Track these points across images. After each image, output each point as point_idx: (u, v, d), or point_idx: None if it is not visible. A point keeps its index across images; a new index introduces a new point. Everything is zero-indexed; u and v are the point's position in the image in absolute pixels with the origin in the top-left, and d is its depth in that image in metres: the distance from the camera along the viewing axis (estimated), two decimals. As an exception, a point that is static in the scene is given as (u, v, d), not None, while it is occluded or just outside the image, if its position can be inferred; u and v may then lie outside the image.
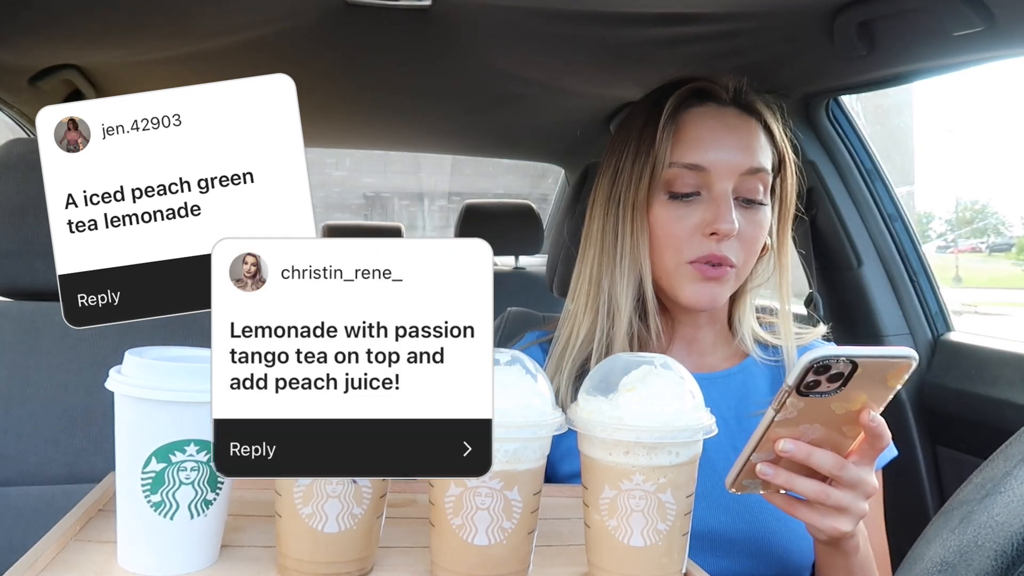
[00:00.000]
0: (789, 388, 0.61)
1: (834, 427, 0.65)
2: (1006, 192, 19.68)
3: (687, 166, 0.89)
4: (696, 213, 0.89)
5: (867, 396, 0.64)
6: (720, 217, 0.87)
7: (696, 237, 0.88)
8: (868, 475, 0.68)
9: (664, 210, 0.90)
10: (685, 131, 0.91)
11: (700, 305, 0.90)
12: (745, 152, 0.89)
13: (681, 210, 0.89)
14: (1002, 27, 0.98)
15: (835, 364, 0.60)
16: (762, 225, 0.91)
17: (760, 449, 0.66)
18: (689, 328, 0.96)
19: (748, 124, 0.92)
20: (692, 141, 0.90)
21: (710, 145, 0.89)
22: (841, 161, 1.52)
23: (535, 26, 1.23)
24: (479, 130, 2.22)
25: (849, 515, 0.68)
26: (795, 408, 0.63)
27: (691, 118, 0.91)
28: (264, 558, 0.63)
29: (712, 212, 0.88)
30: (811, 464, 0.66)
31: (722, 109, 0.93)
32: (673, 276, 0.90)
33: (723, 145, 0.89)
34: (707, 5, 1.12)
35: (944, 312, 1.56)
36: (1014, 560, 0.33)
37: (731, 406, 0.92)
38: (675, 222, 0.89)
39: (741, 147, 0.90)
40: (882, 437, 0.66)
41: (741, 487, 0.69)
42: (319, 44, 1.38)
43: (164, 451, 0.58)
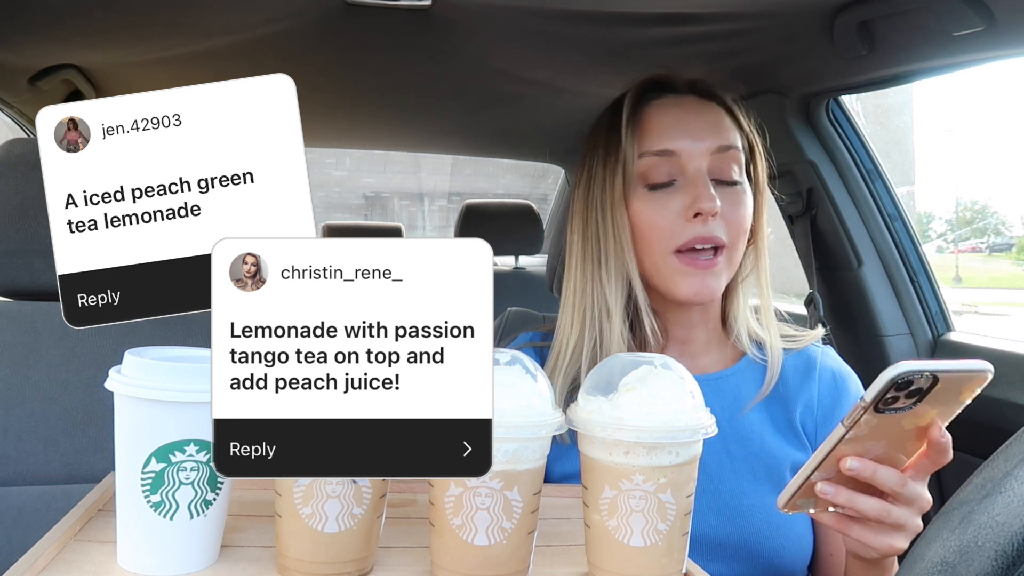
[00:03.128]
0: (866, 405, 0.58)
1: (898, 443, 0.63)
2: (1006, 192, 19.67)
3: (657, 153, 0.89)
4: (676, 199, 0.88)
5: (937, 411, 0.61)
6: (699, 196, 0.86)
7: (680, 223, 0.87)
8: (924, 490, 0.66)
9: (643, 203, 0.89)
10: (649, 122, 0.91)
11: (698, 298, 0.89)
12: (712, 131, 0.90)
13: (660, 199, 0.89)
14: (1002, 27, 0.98)
15: (917, 379, 0.57)
16: (744, 203, 0.90)
17: (822, 468, 0.63)
18: (682, 329, 0.95)
19: (709, 107, 0.93)
20: (657, 129, 0.90)
21: (676, 130, 0.90)
22: (841, 161, 1.52)
23: (535, 26, 1.23)
24: (479, 130, 2.23)
25: (905, 532, 0.66)
26: (868, 425, 0.60)
27: (653, 109, 0.92)
28: (264, 558, 0.63)
29: (691, 194, 0.87)
30: (875, 482, 0.63)
31: (681, 98, 0.94)
32: (663, 271, 0.89)
33: (688, 127, 0.90)
34: (707, 5, 1.12)
35: (944, 312, 1.56)
36: (1014, 560, 0.33)
37: (724, 408, 0.91)
38: (656, 212, 0.89)
39: (707, 127, 0.90)
40: (946, 453, 0.64)
41: (794, 507, 0.65)
42: (319, 44, 1.38)
43: (164, 451, 0.58)
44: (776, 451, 0.90)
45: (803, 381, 0.94)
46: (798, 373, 0.95)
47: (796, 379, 0.94)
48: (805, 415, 0.93)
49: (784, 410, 0.93)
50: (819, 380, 0.94)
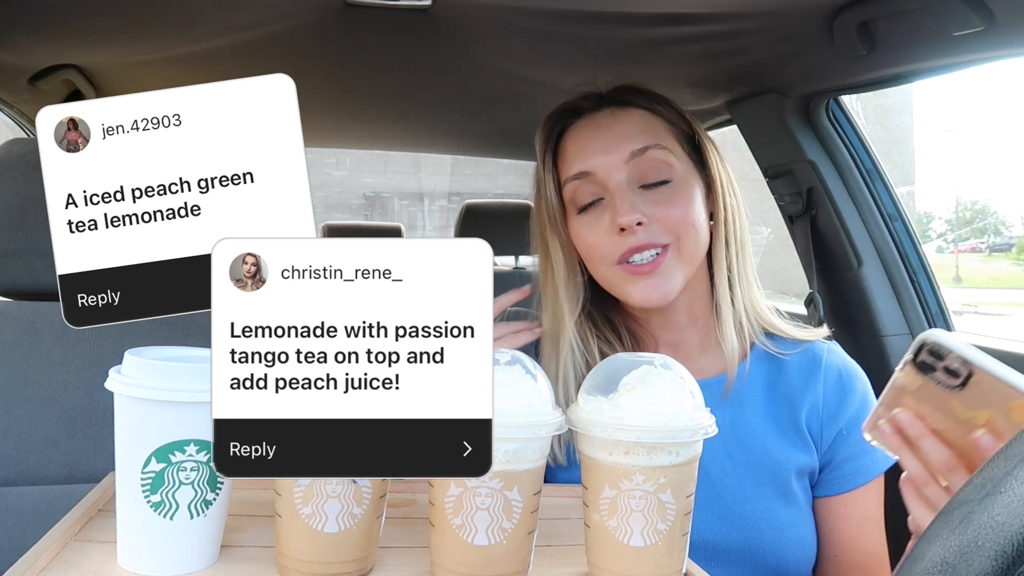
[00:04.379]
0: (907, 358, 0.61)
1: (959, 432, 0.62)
2: (1006, 192, 19.67)
3: (575, 177, 0.92)
4: (603, 216, 0.90)
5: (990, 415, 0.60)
6: (617, 211, 0.88)
7: (611, 239, 0.89)
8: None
9: (578, 226, 0.93)
10: (564, 149, 0.95)
11: (652, 302, 0.88)
12: (623, 140, 0.91)
13: (591, 219, 0.91)
14: (1002, 27, 0.98)
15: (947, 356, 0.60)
16: (678, 200, 0.90)
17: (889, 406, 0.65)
18: (670, 333, 0.95)
19: (622, 114, 0.94)
20: (572, 154, 0.93)
21: (587, 150, 0.92)
22: (841, 161, 1.52)
23: (535, 26, 1.23)
24: (479, 130, 2.22)
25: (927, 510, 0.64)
26: (913, 382, 0.62)
27: (568, 136, 0.96)
28: (264, 558, 0.63)
29: (612, 210, 0.89)
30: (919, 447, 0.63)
31: (593, 116, 0.95)
32: (615, 283, 0.91)
33: (598, 144, 0.92)
34: (707, 5, 1.12)
35: (944, 312, 1.56)
36: (1014, 560, 0.33)
37: (724, 412, 0.90)
38: (589, 233, 0.91)
39: (617, 138, 0.91)
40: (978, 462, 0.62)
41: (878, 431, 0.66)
42: (319, 44, 1.38)
43: (164, 451, 0.58)
44: (779, 455, 0.89)
45: (808, 380, 0.93)
46: (803, 372, 0.93)
47: (801, 378, 0.93)
48: (811, 415, 0.91)
49: (789, 411, 0.91)
50: (824, 379, 0.92)
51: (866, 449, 0.91)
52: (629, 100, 0.95)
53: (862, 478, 0.90)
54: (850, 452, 0.90)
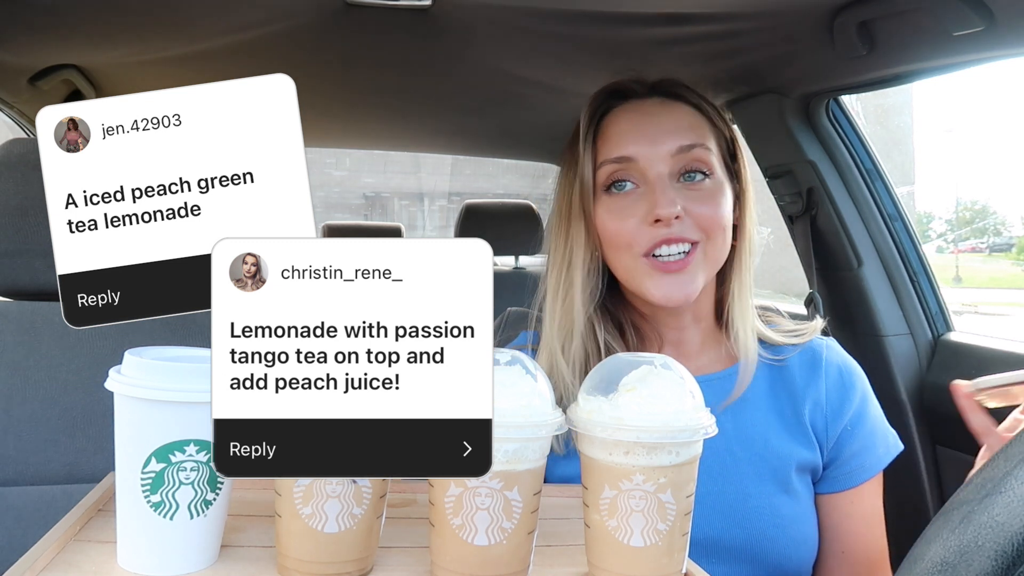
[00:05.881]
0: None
1: None
2: (1006, 192, 19.66)
3: (615, 160, 0.89)
4: (638, 205, 0.88)
5: None
6: (657, 202, 0.86)
7: (643, 228, 0.87)
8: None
9: (606, 209, 0.90)
10: (607, 130, 0.92)
11: (672, 300, 0.87)
12: (671, 133, 0.89)
13: (622, 204, 0.89)
14: (1002, 27, 0.98)
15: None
16: (714, 198, 0.89)
17: None
18: (674, 332, 0.94)
19: (672, 107, 0.93)
20: (615, 136, 0.91)
21: (633, 136, 0.90)
22: (841, 161, 1.52)
23: (535, 26, 1.23)
24: (479, 130, 2.23)
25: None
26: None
27: (612, 117, 0.93)
28: (264, 558, 0.63)
29: (650, 200, 0.87)
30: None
31: (642, 102, 0.93)
32: (635, 275, 0.89)
33: (646, 132, 0.89)
34: (707, 5, 1.12)
35: (944, 312, 1.56)
36: (1014, 560, 0.33)
37: (727, 409, 0.90)
38: (619, 218, 0.89)
39: (666, 130, 0.90)
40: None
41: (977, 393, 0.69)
42: (319, 44, 1.38)
43: (164, 451, 0.58)
44: (781, 450, 0.89)
45: (810, 377, 0.93)
46: (805, 368, 0.94)
47: (803, 375, 0.93)
48: (814, 412, 0.92)
49: (793, 407, 0.92)
50: (825, 376, 0.93)
51: (870, 445, 0.92)
52: (680, 94, 0.94)
53: (867, 473, 0.91)
54: (855, 448, 0.91)
